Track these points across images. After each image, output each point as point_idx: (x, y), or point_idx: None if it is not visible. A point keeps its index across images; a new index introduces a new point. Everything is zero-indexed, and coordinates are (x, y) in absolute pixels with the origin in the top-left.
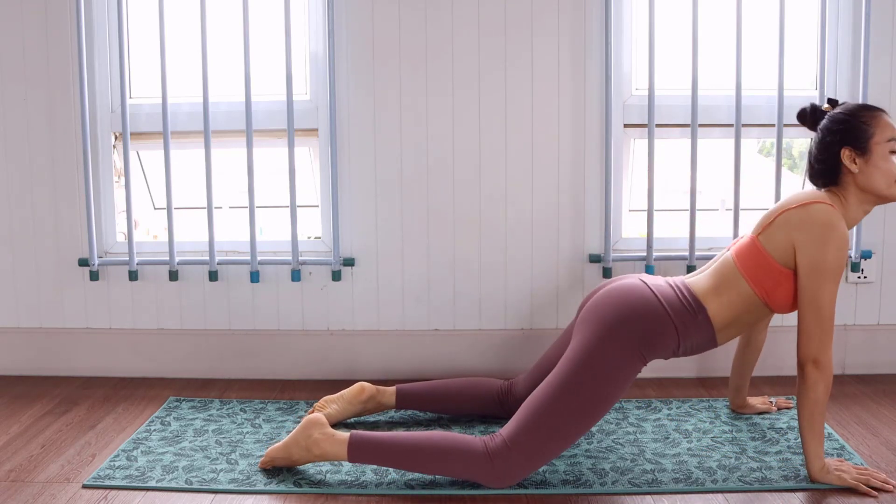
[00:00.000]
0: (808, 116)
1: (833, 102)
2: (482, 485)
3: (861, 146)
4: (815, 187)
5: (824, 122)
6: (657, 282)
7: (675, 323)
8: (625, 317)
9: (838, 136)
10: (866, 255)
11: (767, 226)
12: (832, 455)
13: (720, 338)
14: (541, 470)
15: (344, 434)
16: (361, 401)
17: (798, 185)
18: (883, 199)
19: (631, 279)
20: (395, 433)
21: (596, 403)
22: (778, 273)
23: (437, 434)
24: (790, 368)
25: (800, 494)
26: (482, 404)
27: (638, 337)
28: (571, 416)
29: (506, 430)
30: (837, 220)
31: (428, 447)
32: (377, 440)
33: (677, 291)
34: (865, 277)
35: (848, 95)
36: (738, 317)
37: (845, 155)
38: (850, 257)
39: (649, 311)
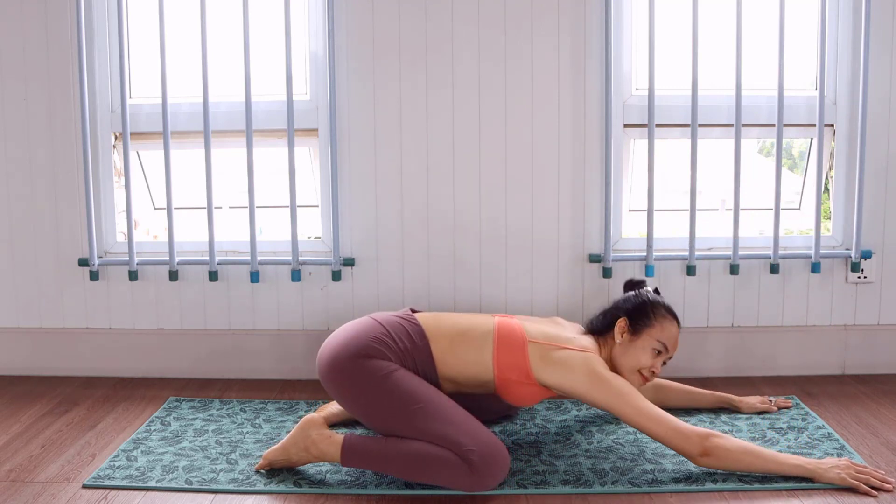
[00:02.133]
0: (631, 286)
1: (656, 291)
2: (478, 491)
3: (636, 326)
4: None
5: (631, 292)
6: (380, 314)
7: (395, 340)
8: (338, 343)
9: (627, 306)
10: (866, 255)
11: (543, 345)
12: (832, 455)
13: (440, 375)
14: (540, 470)
15: (340, 436)
16: None
17: (798, 185)
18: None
19: (344, 326)
20: (388, 439)
21: (405, 395)
22: (527, 380)
23: (427, 444)
24: (789, 368)
25: (800, 494)
26: (480, 404)
27: (353, 346)
28: (420, 416)
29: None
30: (598, 361)
31: (418, 457)
32: (368, 446)
33: (402, 319)
34: (865, 277)
35: (848, 95)
36: (462, 373)
37: (620, 324)
38: (851, 257)
39: (358, 326)
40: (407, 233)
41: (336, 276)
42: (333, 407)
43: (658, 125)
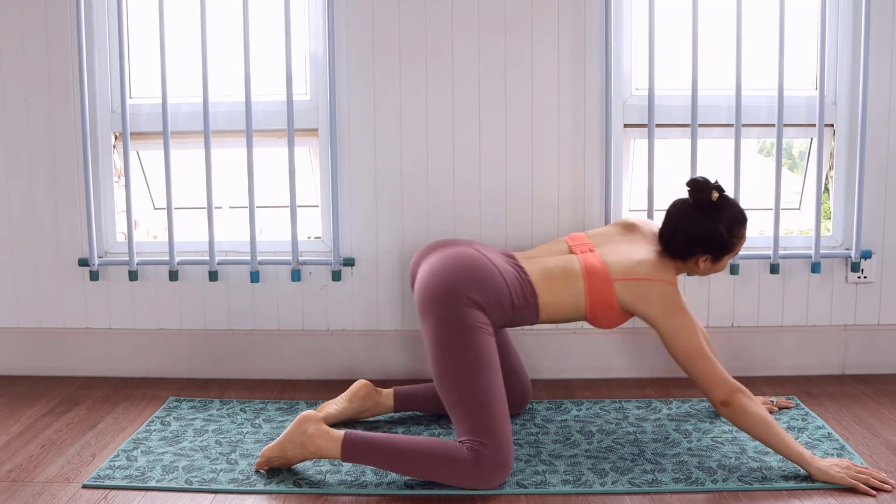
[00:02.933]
0: (698, 189)
1: (720, 190)
2: (480, 489)
3: (718, 257)
4: (655, 236)
5: (708, 221)
6: (493, 255)
7: (513, 296)
8: (459, 282)
9: (707, 246)
10: (866, 255)
11: (624, 280)
12: (832, 455)
13: (540, 320)
14: (540, 470)
15: (339, 432)
16: (360, 397)
17: (798, 185)
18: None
19: (464, 248)
20: (390, 435)
21: (481, 366)
22: (613, 310)
23: (431, 439)
24: (789, 368)
25: (800, 494)
26: None
27: (476, 298)
28: (477, 388)
29: (461, 434)
30: (678, 298)
31: (420, 453)
32: (371, 441)
33: (516, 270)
34: (865, 277)
35: (848, 95)
36: (561, 313)
37: (702, 259)
38: (851, 257)
39: (488, 279)
40: (407, 233)
41: (336, 276)
42: (332, 407)
43: (658, 125)
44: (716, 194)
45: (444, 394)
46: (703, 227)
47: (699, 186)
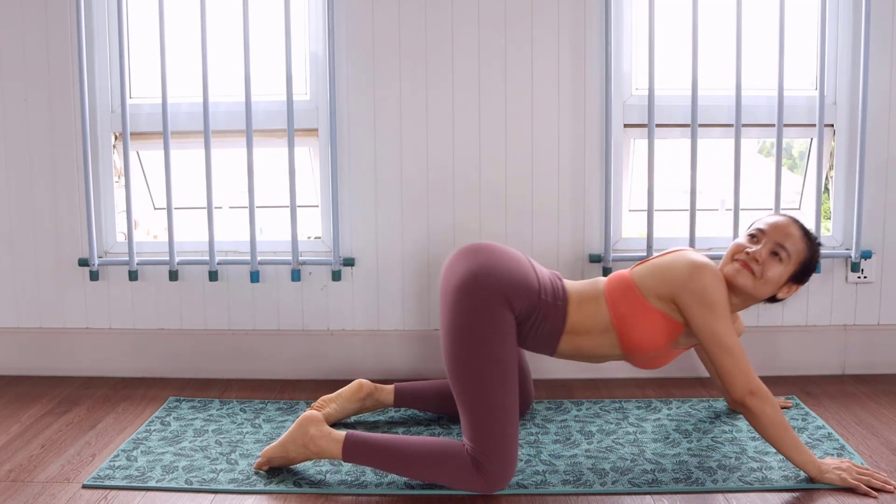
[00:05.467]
0: None
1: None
2: (480, 492)
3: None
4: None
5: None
6: (535, 262)
7: (541, 287)
8: (489, 272)
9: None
10: (866, 255)
11: (641, 264)
12: (832, 455)
13: (562, 343)
14: (540, 470)
15: (340, 433)
16: (360, 398)
17: (798, 185)
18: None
19: (507, 249)
20: (391, 436)
21: (499, 364)
22: (645, 310)
23: (432, 440)
24: (789, 368)
25: (800, 494)
26: None
27: (505, 290)
28: (491, 390)
29: (466, 434)
30: (703, 260)
31: (422, 455)
32: (372, 442)
33: (553, 277)
34: (865, 277)
35: (848, 95)
36: (588, 332)
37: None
38: (851, 257)
39: (518, 270)
40: (407, 233)
41: (336, 276)
42: (332, 407)
43: (658, 125)
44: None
45: (455, 390)
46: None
47: None
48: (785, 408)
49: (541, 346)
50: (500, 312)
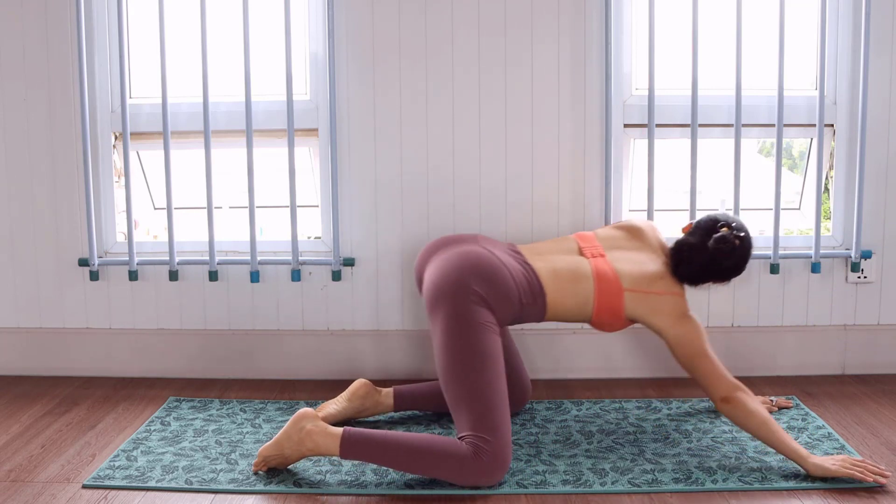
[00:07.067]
0: (702, 228)
1: (727, 226)
2: (479, 486)
3: (727, 281)
4: (661, 250)
5: (722, 247)
6: (500, 252)
7: (520, 292)
8: (466, 280)
9: (721, 275)
10: (866, 255)
11: (636, 292)
12: (831, 455)
13: (545, 318)
14: (540, 470)
15: (337, 429)
16: (359, 396)
17: (798, 185)
18: None
19: (471, 247)
20: (390, 432)
21: (486, 360)
22: (620, 319)
23: (431, 437)
24: (789, 368)
25: (800, 494)
26: None
27: (482, 294)
28: (482, 383)
29: (462, 429)
30: (682, 302)
31: (421, 449)
32: (370, 437)
33: (523, 268)
34: (865, 277)
35: (848, 95)
36: (565, 313)
37: (712, 284)
38: (851, 257)
39: (495, 276)
40: (407, 232)
41: (336, 276)
42: (332, 407)
43: (658, 125)
44: (737, 242)
45: (448, 389)
46: (717, 265)
47: (704, 227)
48: (785, 407)
49: (526, 321)
50: (480, 312)
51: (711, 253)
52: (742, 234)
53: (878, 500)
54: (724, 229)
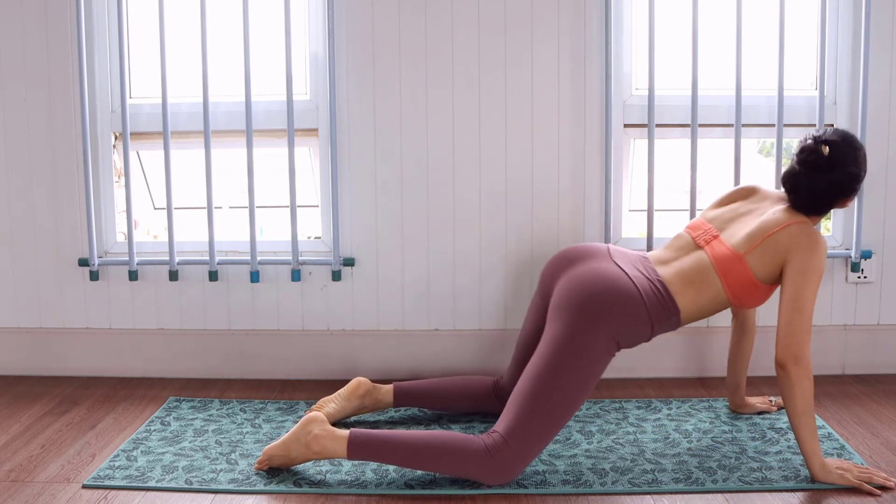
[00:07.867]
0: (810, 152)
1: (826, 143)
2: (482, 482)
3: (853, 194)
4: (782, 197)
5: (838, 169)
6: (633, 270)
7: (652, 320)
8: (605, 308)
9: (848, 192)
10: (866, 255)
11: (755, 247)
12: (832, 455)
13: (682, 324)
14: (540, 470)
15: (343, 431)
16: (359, 395)
17: None
18: None
19: (605, 264)
20: (395, 431)
21: (578, 389)
22: (756, 288)
23: (437, 432)
24: None
25: (800, 494)
26: (478, 401)
27: (617, 328)
28: (558, 403)
29: (500, 425)
30: (817, 232)
31: (428, 445)
32: (377, 437)
33: (654, 288)
34: (865, 277)
35: (848, 95)
36: (705, 311)
37: (843, 202)
38: (851, 257)
39: (630, 305)
40: (407, 233)
41: (336, 276)
42: (331, 406)
43: (658, 125)
44: (826, 148)
45: (525, 385)
46: (815, 181)
47: (809, 150)
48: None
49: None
50: (605, 344)
51: (805, 171)
52: (833, 139)
53: (878, 500)
54: (809, 142)
